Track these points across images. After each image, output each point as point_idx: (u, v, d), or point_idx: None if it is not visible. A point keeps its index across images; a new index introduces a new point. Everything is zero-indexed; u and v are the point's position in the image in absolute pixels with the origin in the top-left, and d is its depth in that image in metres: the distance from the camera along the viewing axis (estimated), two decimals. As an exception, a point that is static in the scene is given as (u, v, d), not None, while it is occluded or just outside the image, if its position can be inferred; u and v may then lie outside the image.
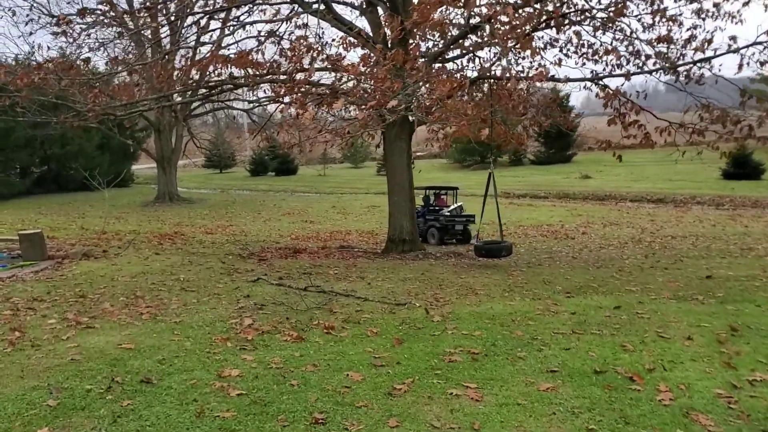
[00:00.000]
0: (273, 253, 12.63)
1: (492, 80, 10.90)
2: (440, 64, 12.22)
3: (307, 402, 3.90)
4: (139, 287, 7.97)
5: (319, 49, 10.94)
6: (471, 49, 12.55)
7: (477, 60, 12.84)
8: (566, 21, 11.17)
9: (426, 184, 19.53)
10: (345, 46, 11.67)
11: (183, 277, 8.82)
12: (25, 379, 4.17)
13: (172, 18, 12.37)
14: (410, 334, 5.57)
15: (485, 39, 11.68)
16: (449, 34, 11.65)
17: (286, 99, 12.21)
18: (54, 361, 4.59)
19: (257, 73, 11.10)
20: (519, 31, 8.90)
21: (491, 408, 3.90)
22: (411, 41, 11.22)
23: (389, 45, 10.81)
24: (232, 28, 12.87)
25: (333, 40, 11.31)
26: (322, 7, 11.47)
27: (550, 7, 10.18)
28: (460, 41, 12.04)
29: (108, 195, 15.80)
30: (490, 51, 13.03)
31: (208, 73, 11.98)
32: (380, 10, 12.43)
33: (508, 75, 7.92)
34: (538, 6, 9.96)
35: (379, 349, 5.08)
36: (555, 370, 4.61)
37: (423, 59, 8.63)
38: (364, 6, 12.68)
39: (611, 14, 10.76)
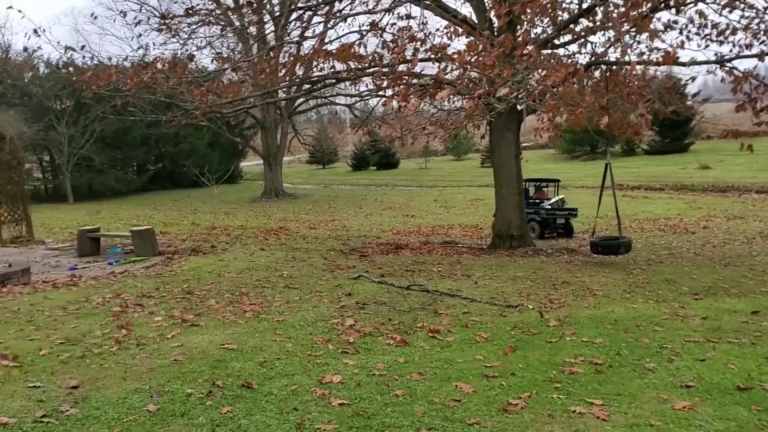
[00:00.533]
0: (374, 249, 12.44)
1: (608, 66, 10.14)
2: (549, 51, 11.56)
3: (413, 416, 3.57)
4: (244, 284, 7.96)
5: (423, 38, 10.62)
6: (582, 34, 11.81)
7: (589, 45, 12.10)
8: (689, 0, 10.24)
9: (526, 177, 18.69)
10: (449, 35, 11.28)
11: (286, 273, 8.76)
12: (127, 381, 4.10)
13: (276, 13, 12.42)
14: (524, 340, 5.13)
15: (597, 23, 10.95)
16: (559, 18, 11.00)
17: (389, 91, 12.02)
18: (157, 362, 4.52)
19: (359, 66, 10.91)
20: (635, 12, 8.18)
21: (620, 429, 3.43)
22: (518, 27, 10.67)
23: (495, 32, 10.31)
24: (334, 21, 12.77)
25: (437, 29, 10.87)
26: (426, -5, 11.11)
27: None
28: (571, 26, 11.34)
29: (217, 191, 16.24)
30: (603, 35, 12.28)
31: (311, 68, 11.95)
32: (486, -4, 11.93)
33: (627, 59, 7.26)
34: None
35: (490, 357, 4.68)
36: (690, 385, 4.05)
37: (532, 45, 8.09)
38: (469, -8, 12.21)
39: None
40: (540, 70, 7.02)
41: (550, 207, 17.07)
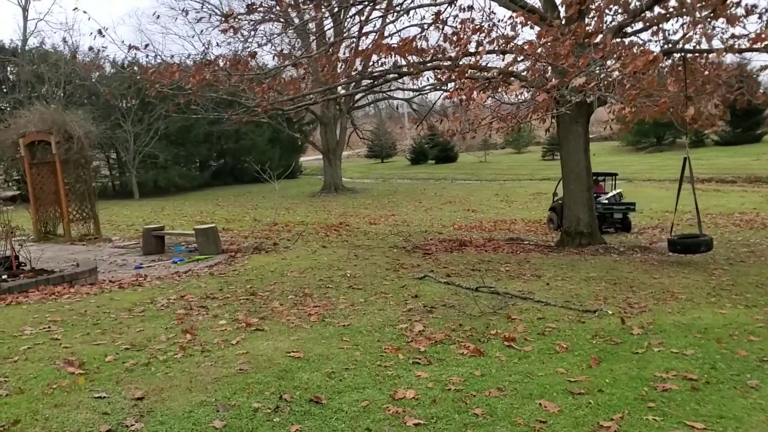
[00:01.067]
0: (437, 246, 12.15)
1: (684, 54, 9.53)
2: (620, 39, 11.01)
3: (495, 439, 3.30)
4: (307, 284, 7.81)
5: (488, 30, 10.25)
6: (655, 20, 11.20)
7: (662, 33, 11.48)
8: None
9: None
10: (514, 25, 10.87)
11: (349, 272, 8.58)
12: (192, 393, 3.96)
13: (335, 9, 12.25)
14: (608, 351, 4.77)
15: (671, 10, 10.35)
16: (632, 5, 10.43)
17: (450, 85, 11.69)
18: (222, 371, 4.37)
19: (421, 60, 10.64)
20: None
21: (728, 459, 3.07)
22: (587, 16, 10.17)
23: (563, 22, 9.85)
24: (394, 15, 12.52)
25: (500, 20, 10.49)
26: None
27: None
28: (643, 14, 10.76)
29: (278, 187, 16.19)
30: (677, 22, 11.65)
31: (371, 63, 11.73)
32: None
33: (706, 46, 6.75)
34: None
35: (574, 370, 4.35)
36: (803, 407, 3.65)
37: (606, 33, 7.64)
38: (536, -20, 11.74)
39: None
40: (617, 59, 6.57)
41: (606, 201, 16.54)
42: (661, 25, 11.35)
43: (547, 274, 8.46)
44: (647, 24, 11.38)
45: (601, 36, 7.60)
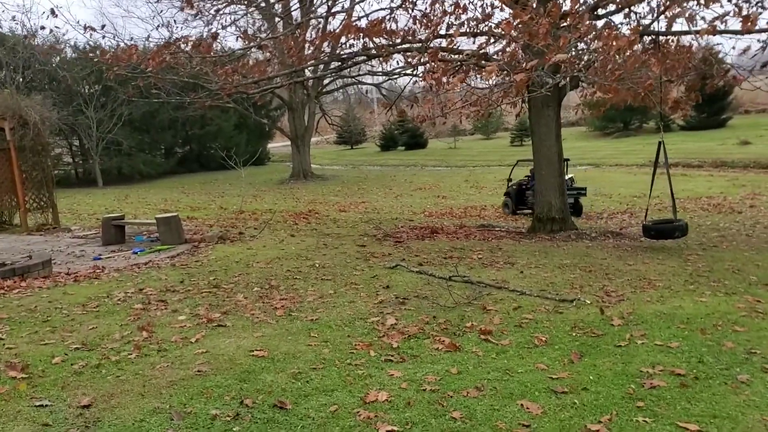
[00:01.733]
0: (408, 234, 11.89)
1: (665, 36, 9.33)
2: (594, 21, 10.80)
3: (476, 446, 3.04)
4: (274, 275, 7.47)
5: (459, 12, 9.95)
6: (627, 2, 11.01)
7: (633, 15, 11.30)
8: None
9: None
10: (485, 8, 10.59)
11: (318, 262, 8.26)
12: (145, 398, 3.62)
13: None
14: (589, 344, 4.54)
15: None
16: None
17: (420, 69, 11.38)
18: (179, 373, 4.04)
19: (391, 42, 10.31)
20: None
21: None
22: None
23: (534, 5, 9.59)
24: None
25: (470, 1, 10.16)
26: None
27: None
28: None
29: (245, 174, 15.84)
30: (648, 4, 11.50)
31: (339, 45, 11.36)
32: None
33: (687, 28, 6.55)
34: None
35: (555, 365, 4.11)
36: (797, 403, 3.46)
37: (580, 14, 7.39)
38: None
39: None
40: (595, 40, 6.34)
41: None
42: (631, 7, 11.20)
43: (520, 262, 8.25)
44: (619, 6, 11.20)
45: (577, 16, 7.38)
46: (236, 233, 11.19)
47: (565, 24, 6.73)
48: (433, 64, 7.73)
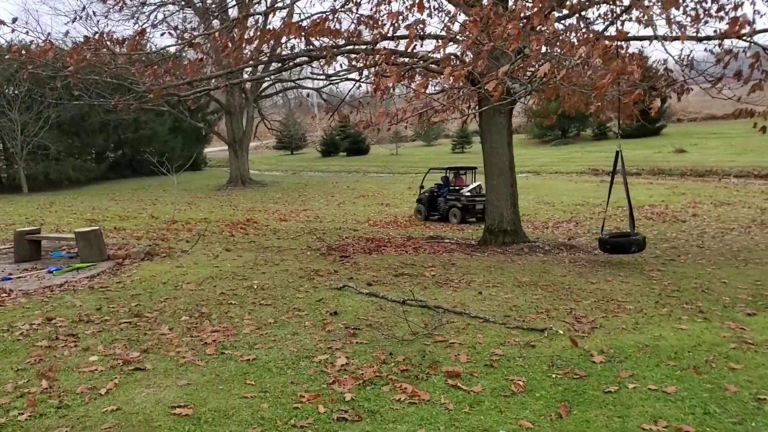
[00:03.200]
0: (354, 247, 11.17)
1: (642, 41, 8.94)
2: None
3: None
4: (205, 299, 6.62)
5: (404, 16, 9.36)
6: (578, 7, 10.65)
7: (584, 21, 10.97)
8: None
9: (448, 165, 21.17)
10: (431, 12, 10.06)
11: (257, 283, 7.44)
12: (27, 489, 2.79)
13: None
14: (573, 390, 3.92)
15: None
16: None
17: (366, 72, 10.73)
18: (78, 444, 3.21)
19: (335, 43, 9.62)
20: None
21: None
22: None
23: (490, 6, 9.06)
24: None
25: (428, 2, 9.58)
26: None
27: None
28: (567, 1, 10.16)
29: (180, 179, 14.83)
30: (598, 9, 11.21)
31: (280, 44, 10.58)
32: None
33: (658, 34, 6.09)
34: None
35: (541, 422, 3.46)
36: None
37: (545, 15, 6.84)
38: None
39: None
40: (570, 44, 5.79)
41: (469, 193, 17.66)
42: (583, 13, 10.86)
43: (477, 280, 7.65)
44: (572, 11, 10.83)
45: (542, 18, 6.84)
46: (166, 248, 10.23)
47: (530, 26, 6.17)
48: (386, 67, 7.06)
